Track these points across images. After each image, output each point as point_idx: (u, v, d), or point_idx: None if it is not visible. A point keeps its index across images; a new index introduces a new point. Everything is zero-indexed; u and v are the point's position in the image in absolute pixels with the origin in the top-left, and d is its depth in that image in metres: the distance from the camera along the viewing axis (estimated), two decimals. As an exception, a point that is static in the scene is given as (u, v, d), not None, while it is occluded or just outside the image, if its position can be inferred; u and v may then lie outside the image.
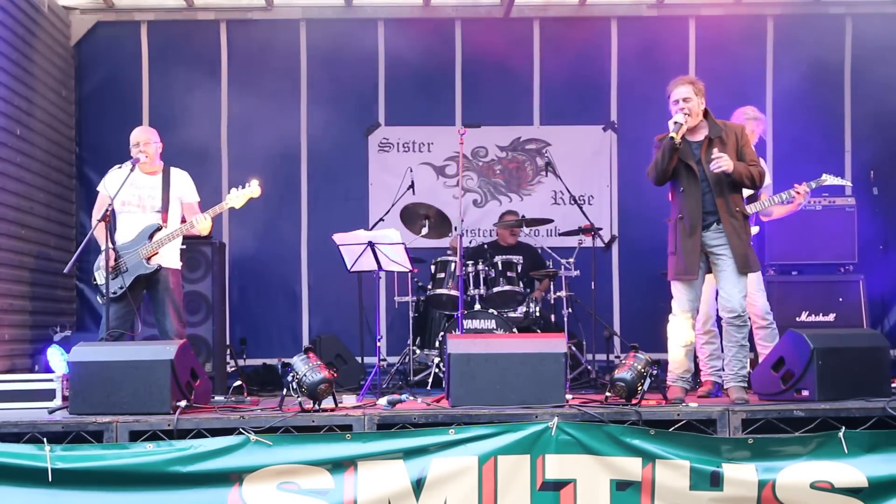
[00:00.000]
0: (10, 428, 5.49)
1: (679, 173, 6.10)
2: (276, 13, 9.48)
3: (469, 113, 9.56)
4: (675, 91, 6.09)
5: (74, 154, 9.39)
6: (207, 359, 7.87)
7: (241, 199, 6.69)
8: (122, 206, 6.64)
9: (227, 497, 5.29)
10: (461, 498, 5.31)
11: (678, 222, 6.11)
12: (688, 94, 6.04)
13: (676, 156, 6.02)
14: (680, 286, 6.12)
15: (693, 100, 6.04)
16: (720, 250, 6.03)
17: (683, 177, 6.09)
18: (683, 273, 6.05)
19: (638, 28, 9.53)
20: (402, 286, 8.54)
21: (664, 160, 6.02)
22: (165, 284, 6.63)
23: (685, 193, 6.07)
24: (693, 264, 6.01)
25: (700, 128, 6.12)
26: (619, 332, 9.01)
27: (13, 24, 8.06)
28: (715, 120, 6.15)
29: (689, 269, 6.02)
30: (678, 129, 5.96)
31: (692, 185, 6.05)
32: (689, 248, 6.03)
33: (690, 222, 6.03)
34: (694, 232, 6.02)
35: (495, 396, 5.72)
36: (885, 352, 6.07)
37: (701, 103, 6.08)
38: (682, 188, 6.09)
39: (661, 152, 6.02)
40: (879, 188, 9.14)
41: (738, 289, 5.99)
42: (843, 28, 9.59)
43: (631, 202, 9.32)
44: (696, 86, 6.08)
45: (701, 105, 6.09)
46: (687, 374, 6.18)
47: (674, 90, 6.10)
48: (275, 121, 9.55)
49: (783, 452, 5.38)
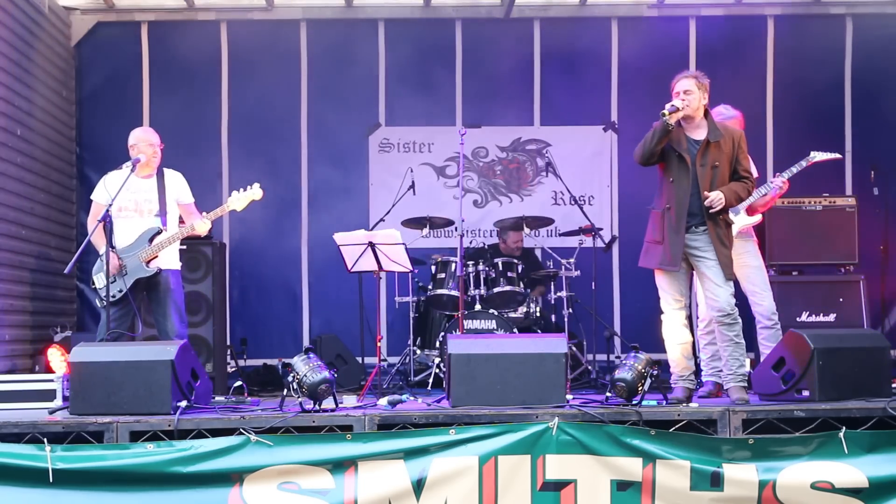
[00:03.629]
0: (11, 428, 5.48)
1: (671, 163, 6.05)
2: (276, 13, 9.48)
3: (469, 113, 9.57)
4: (678, 83, 6.08)
5: (74, 154, 9.39)
6: (208, 359, 7.87)
7: (243, 202, 6.69)
8: (119, 212, 6.59)
9: (228, 497, 5.29)
10: (462, 498, 5.31)
11: (665, 212, 6.07)
12: (689, 88, 6.03)
13: (666, 140, 5.97)
14: (665, 280, 6.09)
15: (694, 93, 6.02)
16: (705, 254, 6.00)
17: (675, 168, 6.04)
18: (669, 264, 6.01)
19: (638, 28, 9.53)
20: (402, 286, 8.54)
21: (653, 140, 5.97)
22: (166, 286, 6.63)
23: (674, 184, 6.04)
24: (677, 256, 6.00)
25: (700, 126, 6.09)
26: (619, 332, 9.01)
27: (13, 25, 8.06)
28: (715, 123, 6.12)
29: (674, 260, 6.00)
30: (673, 111, 5.93)
31: (682, 178, 6.00)
32: (674, 241, 6.00)
33: (677, 214, 6.00)
34: (679, 225, 5.98)
35: (496, 397, 5.72)
36: (885, 352, 6.07)
37: (702, 99, 6.06)
38: (671, 178, 6.06)
39: (652, 132, 5.98)
40: (879, 188, 9.14)
41: (723, 288, 5.97)
42: (843, 28, 9.59)
43: (631, 202, 9.31)
44: (700, 81, 6.06)
45: (702, 101, 6.06)
46: (686, 373, 6.17)
47: (677, 82, 6.09)
48: (275, 121, 9.57)
49: (784, 452, 5.38)
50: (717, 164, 6.00)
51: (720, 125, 6.13)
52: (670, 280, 6.09)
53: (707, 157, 6.00)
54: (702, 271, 6.06)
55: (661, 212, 6.09)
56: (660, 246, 6.07)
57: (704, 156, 6.01)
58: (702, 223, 5.99)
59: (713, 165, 6.00)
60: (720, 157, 6.01)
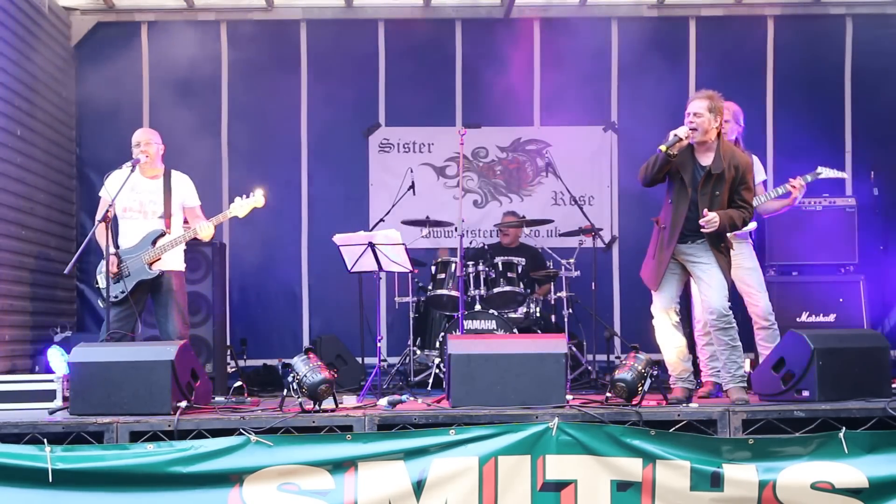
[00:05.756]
0: (11, 428, 5.49)
1: (675, 185, 6.06)
2: (276, 13, 9.48)
3: (469, 113, 9.56)
4: (691, 104, 6.03)
5: (75, 154, 9.38)
6: (208, 359, 7.87)
7: (245, 209, 6.69)
8: (123, 213, 6.61)
9: (228, 497, 5.30)
10: (462, 498, 5.32)
11: (661, 231, 6.11)
12: (700, 110, 5.96)
13: (668, 167, 5.98)
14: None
15: (704, 116, 5.95)
16: (700, 259, 6.01)
17: (676, 191, 6.04)
18: (652, 282, 6.09)
19: (638, 28, 9.51)
20: (402, 287, 8.54)
21: (653, 167, 6.00)
22: (169, 287, 6.62)
23: (672, 206, 6.05)
24: (660, 276, 6.04)
25: (710, 150, 6.00)
26: (619, 332, 9.00)
27: (13, 25, 8.05)
28: (725, 149, 6.00)
29: (656, 279, 6.06)
30: (673, 143, 5.90)
31: (681, 202, 6.01)
32: (661, 260, 6.05)
33: (670, 235, 6.02)
34: (669, 246, 6.01)
35: (496, 397, 5.72)
36: (885, 352, 6.08)
37: (714, 121, 5.97)
38: (671, 200, 6.07)
39: (655, 158, 5.99)
40: (879, 188, 9.14)
41: (716, 292, 5.97)
42: (843, 28, 9.59)
43: (631, 202, 9.31)
44: (714, 102, 5.97)
45: (713, 123, 5.97)
46: (685, 374, 6.18)
47: (690, 102, 6.05)
48: (275, 121, 9.56)
49: (784, 453, 5.39)
50: (717, 194, 5.98)
51: (729, 154, 6.01)
52: (662, 288, 6.11)
53: (708, 186, 5.98)
54: (697, 275, 6.07)
55: (659, 229, 6.14)
56: (652, 261, 6.14)
57: (706, 185, 5.98)
58: (700, 238, 6.00)
59: (713, 195, 5.97)
60: (721, 187, 5.97)
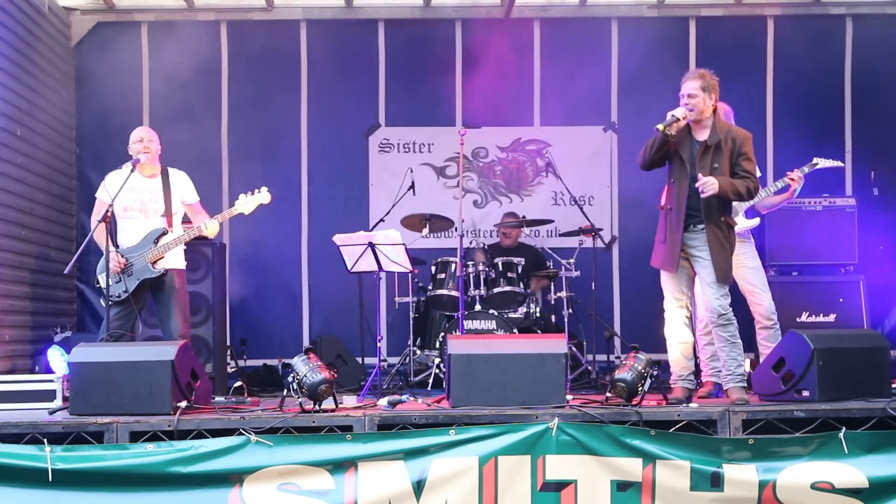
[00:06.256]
0: (11, 429, 5.49)
1: (674, 164, 6.09)
2: (276, 13, 9.48)
3: (469, 113, 9.56)
4: (684, 85, 6.06)
5: (75, 154, 9.38)
6: (208, 359, 7.86)
7: (251, 206, 6.69)
8: (123, 212, 6.61)
9: (228, 498, 5.30)
10: (462, 499, 5.31)
11: (668, 213, 6.11)
12: (694, 91, 5.99)
13: (666, 148, 5.99)
14: (667, 279, 6.15)
15: (699, 96, 5.99)
16: (700, 253, 6.01)
17: (677, 169, 6.08)
18: (668, 264, 6.07)
19: (638, 28, 9.52)
20: (402, 287, 8.54)
21: (652, 149, 6.01)
22: (171, 286, 6.62)
23: (675, 185, 6.07)
24: (676, 257, 6.03)
25: (706, 127, 6.07)
26: (619, 332, 9.01)
27: (13, 25, 8.05)
28: (720, 123, 6.08)
29: (672, 261, 6.04)
30: (671, 122, 5.93)
31: (682, 180, 6.03)
32: (674, 241, 6.04)
33: (677, 215, 6.03)
34: (679, 226, 6.01)
35: (496, 397, 5.72)
36: (885, 352, 6.08)
37: (709, 100, 6.01)
38: (673, 179, 6.10)
39: (652, 140, 6.01)
40: (879, 188, 9.14)
41: (713, 289, 5.97)
42: (843, 28, 9.59)
43: (631, 203, 9.31)
44: (706, 80, 6.01)
45: (708, 102, 6.02)
46: (685, 373, 6.18)
47: (683, 83, 6.07)
48: (275, 121, 9.56)
49: (784, 453, 5.38)
50: (716, 166, 5.99)
51: (725, 127, 6.08)
52: (671, 279, 6.13)
53: (706, 159, 6.00)
54: (696, 271, 6.08)
55: (665, 212, 6.14)
56: (663, 246, 6.12)
57: (704, 158, 6.00)
58: (700, 222, 6.00)
59: (712, 167, 5.99)
60: (720, 159, 5.99)
